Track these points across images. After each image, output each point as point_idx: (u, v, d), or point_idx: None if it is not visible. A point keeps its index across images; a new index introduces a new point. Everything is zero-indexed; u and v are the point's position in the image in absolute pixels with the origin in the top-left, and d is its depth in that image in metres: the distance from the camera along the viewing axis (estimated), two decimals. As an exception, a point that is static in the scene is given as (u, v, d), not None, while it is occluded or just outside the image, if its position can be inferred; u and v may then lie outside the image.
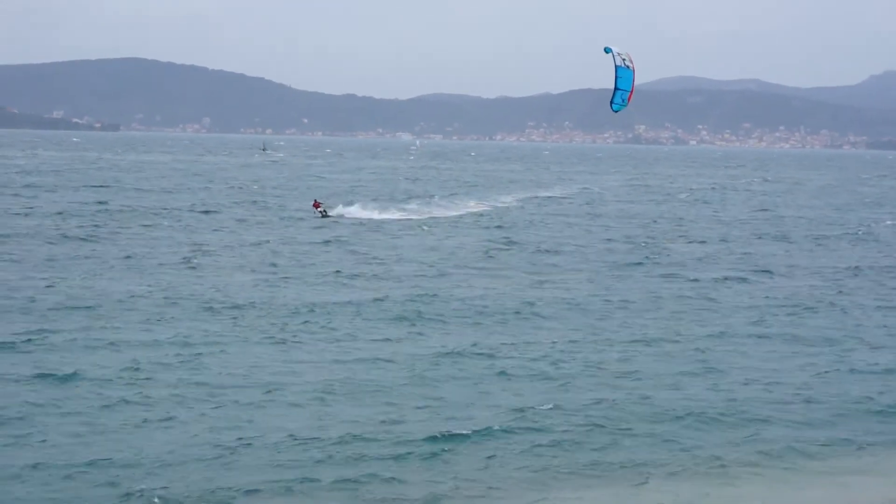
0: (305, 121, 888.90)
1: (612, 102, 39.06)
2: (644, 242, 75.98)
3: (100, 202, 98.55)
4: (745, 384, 34.39)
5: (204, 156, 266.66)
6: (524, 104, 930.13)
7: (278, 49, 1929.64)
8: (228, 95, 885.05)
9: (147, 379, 32.92)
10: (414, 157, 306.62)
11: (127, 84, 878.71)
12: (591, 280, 56.52)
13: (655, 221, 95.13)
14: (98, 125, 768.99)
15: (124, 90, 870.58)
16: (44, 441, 27.28)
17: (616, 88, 38.78)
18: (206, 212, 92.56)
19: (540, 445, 27.94)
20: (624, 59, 38.70)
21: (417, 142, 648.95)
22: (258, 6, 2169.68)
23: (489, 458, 27.04)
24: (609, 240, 77.34)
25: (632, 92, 38.76)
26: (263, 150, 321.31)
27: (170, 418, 29.32)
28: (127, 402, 30.65)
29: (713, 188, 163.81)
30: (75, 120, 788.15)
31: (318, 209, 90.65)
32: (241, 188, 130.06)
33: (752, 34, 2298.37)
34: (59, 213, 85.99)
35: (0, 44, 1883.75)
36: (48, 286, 49.29)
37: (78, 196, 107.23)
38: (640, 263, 63.51)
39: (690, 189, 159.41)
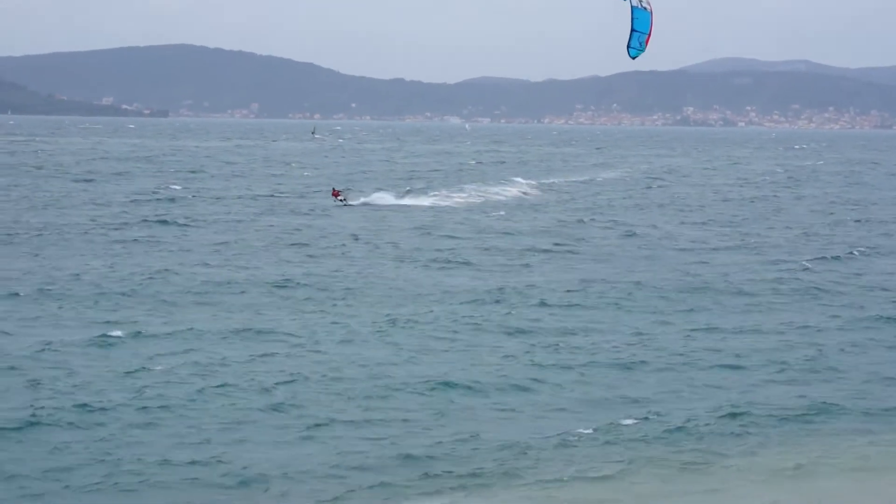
0: (354, 105, 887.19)
1: (628, 47, 35.61)
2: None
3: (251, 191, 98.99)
4: None
5: (273, 141, 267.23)
6: (572, 87, 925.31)
7: (326, 34, 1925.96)
8: (276, 81, 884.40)
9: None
10: (469, 140, 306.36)
11: (175, 70, 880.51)
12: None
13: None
14: (147, 111, 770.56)
15: (172, 76, 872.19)
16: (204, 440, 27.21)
17: (632, 30, 35.55)
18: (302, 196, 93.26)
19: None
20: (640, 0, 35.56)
21: (467, 125, 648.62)
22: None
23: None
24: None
25: (650, 35, 35.32)
26: (313, 134, 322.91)
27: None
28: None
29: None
30: (124, 106, 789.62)
31: (338, 197, 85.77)
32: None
33: (801, 14, 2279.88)
34: (218, 199, 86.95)
35: (49, 31, 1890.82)
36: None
37: (203, 182, 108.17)
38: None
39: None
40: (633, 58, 36.21)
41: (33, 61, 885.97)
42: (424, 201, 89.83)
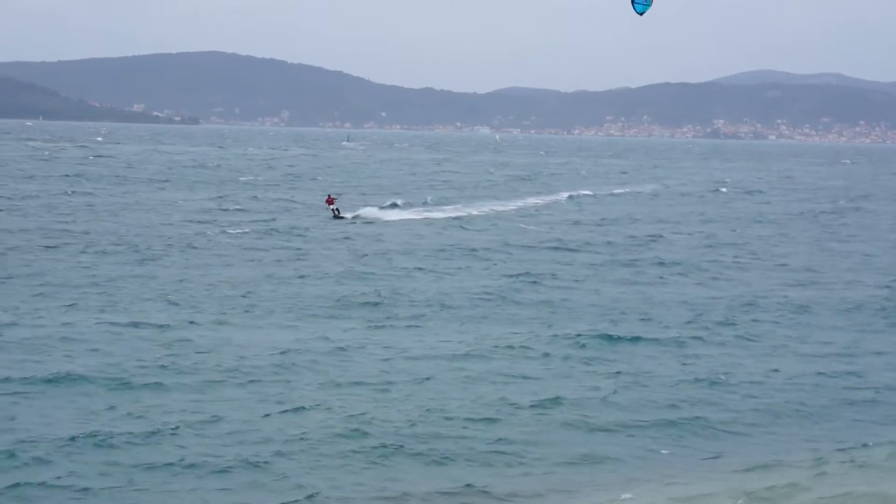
0: (384, 114, 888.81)
1: (633, 2, 34.98)
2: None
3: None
4: None
5: (300, 148, 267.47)
6: (602, 98, 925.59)
7: (357, 42, 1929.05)
8: (307, 89, 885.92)
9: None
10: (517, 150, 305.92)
11: (206, 77, 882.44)
12: None
13: None
14: (178, 118, 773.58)
15: (204, 83, 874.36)
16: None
17: None
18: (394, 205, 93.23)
19: None
20: None
21: (497, 136, 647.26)
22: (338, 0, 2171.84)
23: None
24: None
25: None
26: (348, 141, 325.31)
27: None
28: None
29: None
30: (155, 113, 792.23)
31: (331, 206, 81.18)
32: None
33: (832, 28, 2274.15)
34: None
35: (81, 37, 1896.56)
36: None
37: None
38: None
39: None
40: (641, 13, 35.51)
41: (66, 67, 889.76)
42: (443, 213, 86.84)
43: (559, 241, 69.25)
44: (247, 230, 70.98)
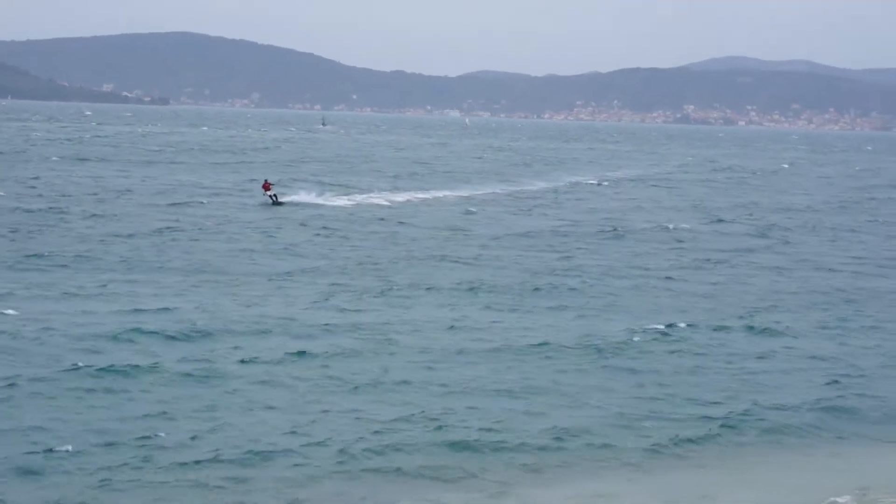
0: (354, 97, 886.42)
1: None
2: None
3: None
4: None
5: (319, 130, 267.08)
6: (573, 82, 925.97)
7: (329, 25, 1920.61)
8: (278, 71, 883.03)
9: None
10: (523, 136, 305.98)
11: (177, 58, 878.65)
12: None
13: None
14: (147, 99, 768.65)
15: (174, 64, 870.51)
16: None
17: None
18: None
19: None
20: None
21: (467, 119, 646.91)
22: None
23: None
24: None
25: None
26: (324, 125, 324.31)
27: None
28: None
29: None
30: (125, 93, 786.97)
31: (268, 192, 78.41)
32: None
33: (804, 14, 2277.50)
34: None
35: (50, 16, 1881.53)
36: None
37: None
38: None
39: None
40: None
41: (35, 46, 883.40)
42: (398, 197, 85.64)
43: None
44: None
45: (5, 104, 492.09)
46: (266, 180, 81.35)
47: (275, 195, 77.38)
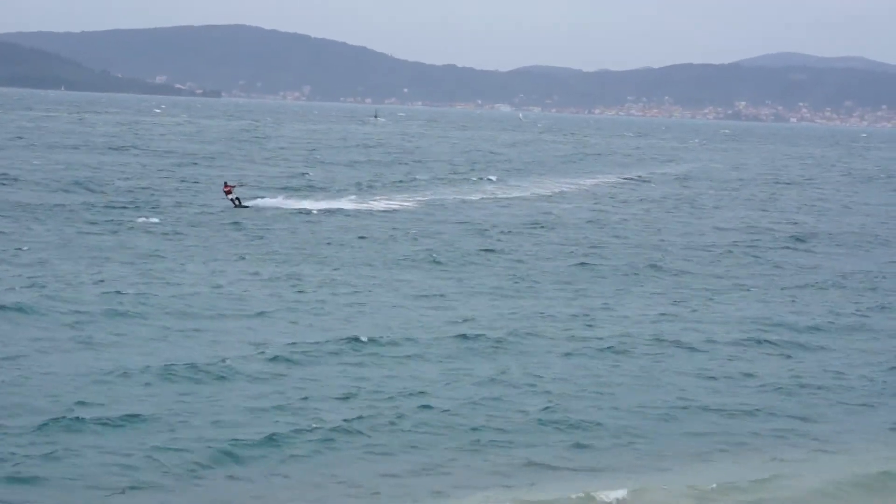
0: (406, 90, 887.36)
1: None
2: None
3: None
4: None
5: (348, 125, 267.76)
6: (624, 78, 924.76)
7: (380, 18, 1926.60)
8: (330, 64, 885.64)
9: None
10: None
11: (230, 51, 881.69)
12: None
13: None
14: (200, 91, 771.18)
15: (227, 57, 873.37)
16: None
17: None
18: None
19: None
20: None
21: (520, 114, 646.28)
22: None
23: None
24: None
25: None
26: (376, 118, 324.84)
27: None
28: None
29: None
30: (177, 85, 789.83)
31: (230, 196, 70.34)
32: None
33: (858, 11, 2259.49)
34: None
35: (105, 9, 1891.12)
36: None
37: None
38: None
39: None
40: None
41: (89, 38, 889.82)
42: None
43: None
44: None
45: (59, 95, 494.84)
46: (226, 182, 73.14)
47: (237, 198, 69.62)
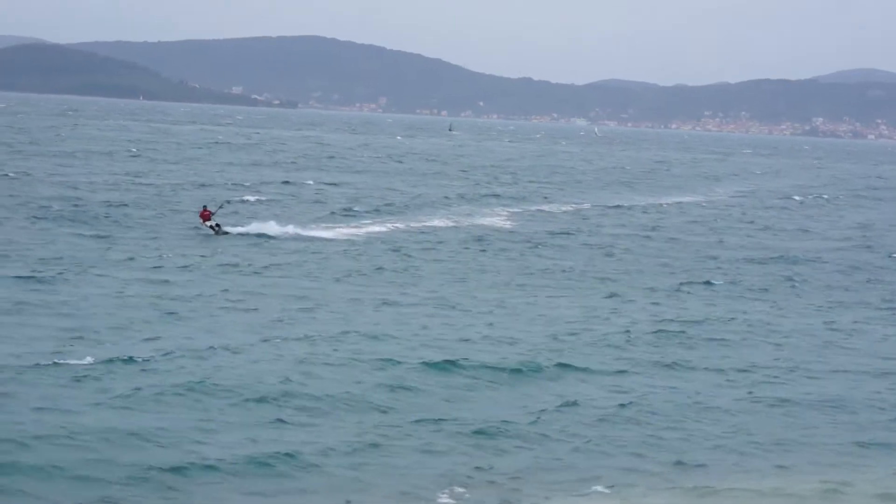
0: (481, 104, 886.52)
1: None
2: None
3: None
4: None
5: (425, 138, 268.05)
6: (700, 93, 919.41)
7: (456, 30, 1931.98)
8: (405, 76, 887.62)
9: None
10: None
11: (306, 62, 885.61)
12: None
13: None
14: (276, 102, 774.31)
15: (303, 68, 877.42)
16: None
17: None
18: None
19: None
20: None
21: (596, 128, 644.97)
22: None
23: None
24: None
25: None
26: (451, 131, 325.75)
27: None
28: None
29: None
30: (254, 96, 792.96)
31: (207, 223, 66.11)
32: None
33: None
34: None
35: (183, 19, 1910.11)
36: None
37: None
38: None
39: None
40: None
41: (166, 48, 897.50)
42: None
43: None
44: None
45: (138, 105, 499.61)
46: (205, 207, 67.98)
47: (216, 224, 65.60)
